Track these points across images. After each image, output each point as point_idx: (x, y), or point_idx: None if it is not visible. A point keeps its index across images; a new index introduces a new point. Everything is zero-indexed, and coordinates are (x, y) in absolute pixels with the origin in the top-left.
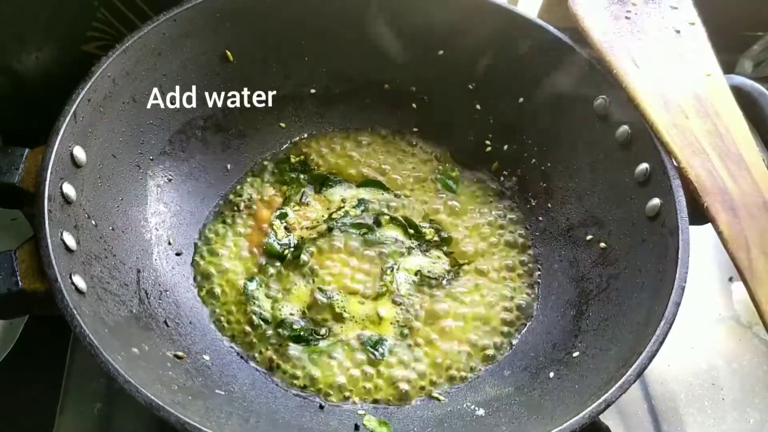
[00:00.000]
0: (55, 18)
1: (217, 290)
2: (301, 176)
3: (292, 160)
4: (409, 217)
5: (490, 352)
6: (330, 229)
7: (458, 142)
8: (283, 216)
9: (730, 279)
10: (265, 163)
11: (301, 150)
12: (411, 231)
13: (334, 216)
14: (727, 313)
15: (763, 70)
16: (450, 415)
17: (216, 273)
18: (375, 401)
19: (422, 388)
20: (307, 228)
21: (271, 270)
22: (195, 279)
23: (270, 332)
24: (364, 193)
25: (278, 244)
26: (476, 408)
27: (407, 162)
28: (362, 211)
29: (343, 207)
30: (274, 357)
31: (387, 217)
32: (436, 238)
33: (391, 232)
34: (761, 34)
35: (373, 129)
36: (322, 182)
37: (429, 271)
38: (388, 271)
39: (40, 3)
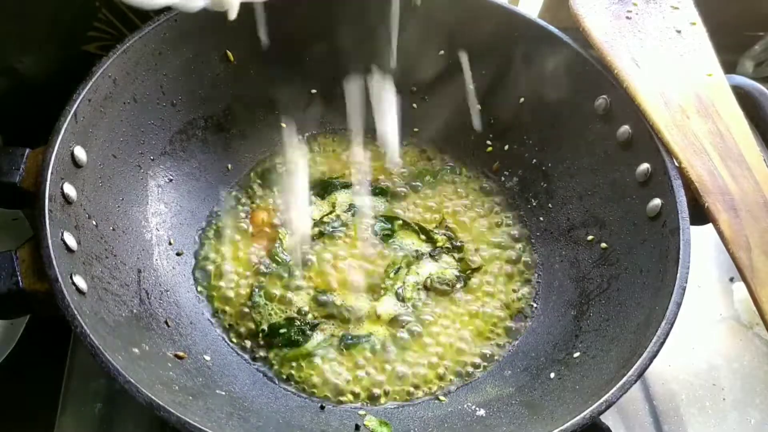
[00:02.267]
0: (55, 18)
1: (217, 291)
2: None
3: (271, 172)
4: (412, 218)
5: (491, 352)
6: (321, 234)
7: (459, 142)
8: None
9: (731, 279)
10: (263, 165)
11: (279, 163)
12: (423, 237)
13: (324, 220)
14: (728, 313)
15: (764, 69)
16: (451, 416)
17: (216, 274)
18: (375, 402)
19: (423, 388)
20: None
21: (273, 275)
22: (195, 279)
23: (267, 335)
24: (363, 196)
25: (283, 251)
26: (477, 408)
27: (408, 162)
28: (353, 215)
29: (334, 211)
30: (274, 360)
31: (400, 222)
32: (447, 245)
33: (403, 237)
34: (762, 34)
35: (374, 129)
36: (324, 187)
37: (439, 278)
38: (392, 274)
39: (41, 3)
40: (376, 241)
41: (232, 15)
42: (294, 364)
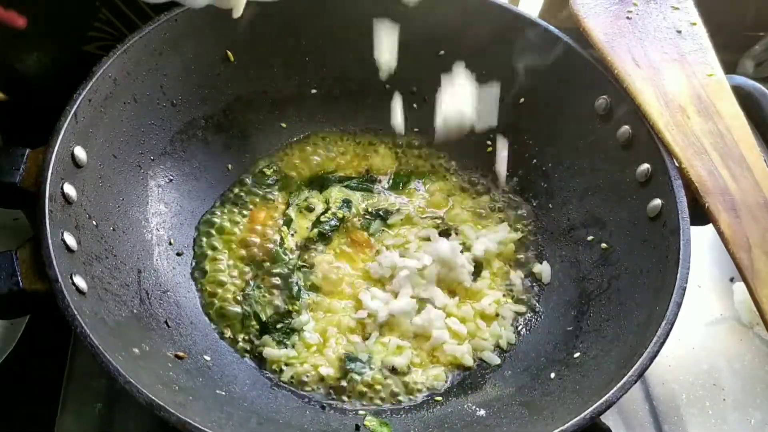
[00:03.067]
0: (56, 18)
1: (216, 290)
2: (299, 180)
3: (267, 172)
4: (410, 218)
5: (491, 352)
6: (321, 235)
7: (459, 143)
8: (288, 222)
9: (731, 279)
10: (263, 164)
11: (277, 162)
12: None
13: (322, 219)
14: (728, 314)
15: (764, 69)
16: (451, 416)
17: (215, 273)
18: (375, 401)
19: (423, 388)
20: (307, 236)
21: (271, 275)
22: (195, 279)
23: (261, 332)
24: (357, 194)
25: (284, 251)
26: (477, 408)
27: (409, 162)
28: (348, 211)
29: (330, 209)
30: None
31: (400, 219)
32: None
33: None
34: (762, 35)
35: (374, 129)
36: (320, 181)
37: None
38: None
39: (41, 3)
40: (374, 240)
41: (237, 13)
42: (290, 364)
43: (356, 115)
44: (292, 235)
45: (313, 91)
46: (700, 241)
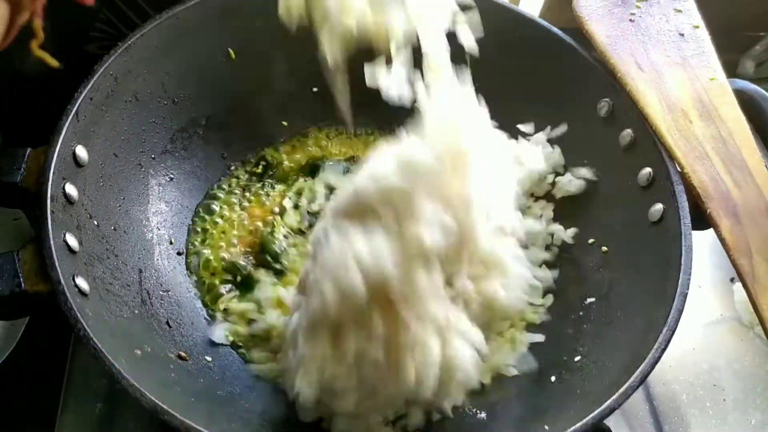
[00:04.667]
0: (57, 18)
1: (214, 290)
2: (294, 169)
3: (258, 170)
4: None
5: (491, 352)
6: (310, 225)
7: None
8: (282, 212)
9: (732, 279)
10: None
11: (266, 156)
12: None
13: (309, 211)
14: (729, 314)
15: (764, 70)
16: (452, 418)
17: (212, 272)
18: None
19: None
20: (298, 228)
21: (264, 273)
22: (195, 278)
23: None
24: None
25: (277, 244)
26: (478, 411)
27: None
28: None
29: (317, 200)
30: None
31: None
32: None
33: None
34: (762, 35)
35: (375, 128)
36: (312, 169)
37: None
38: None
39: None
40: None
41: None
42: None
43: (358, 113)
44: (285, 226)
45: (315, 89)
46: (701, 242)
